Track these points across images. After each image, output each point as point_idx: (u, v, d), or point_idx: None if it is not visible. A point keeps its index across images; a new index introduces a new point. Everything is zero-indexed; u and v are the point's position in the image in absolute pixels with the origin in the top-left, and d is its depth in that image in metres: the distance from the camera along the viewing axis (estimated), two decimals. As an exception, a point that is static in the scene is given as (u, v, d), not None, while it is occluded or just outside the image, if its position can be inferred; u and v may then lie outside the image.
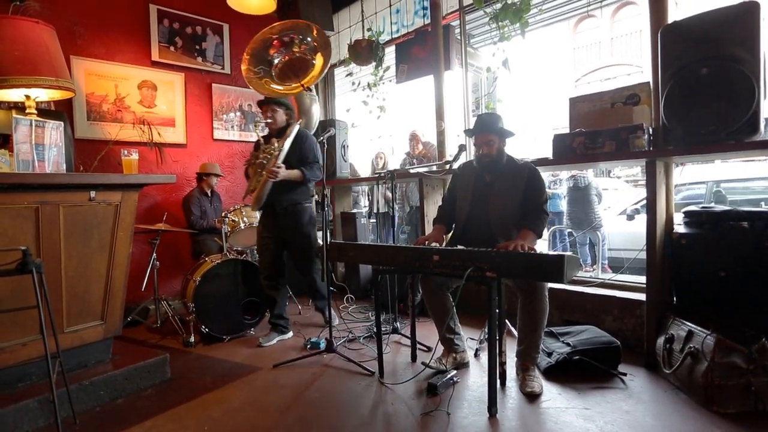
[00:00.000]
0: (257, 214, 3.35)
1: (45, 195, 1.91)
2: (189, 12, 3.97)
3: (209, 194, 3.77)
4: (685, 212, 2.35)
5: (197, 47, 4.04)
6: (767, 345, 1.79)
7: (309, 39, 2.86)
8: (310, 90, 3.49)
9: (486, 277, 1.79)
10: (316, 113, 3.92)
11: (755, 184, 5.33)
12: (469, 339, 2.63)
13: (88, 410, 2.00)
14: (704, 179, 5.46)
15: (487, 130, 2.28)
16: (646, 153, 2.25)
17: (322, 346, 2.67)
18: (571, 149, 2.48)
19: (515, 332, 2.28)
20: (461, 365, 2.36)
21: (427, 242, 2.31)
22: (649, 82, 2.43)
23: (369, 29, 4.23)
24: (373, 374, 2.31)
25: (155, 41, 3.78)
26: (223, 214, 3.17)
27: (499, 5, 3.07)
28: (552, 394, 2.03)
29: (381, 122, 4.40)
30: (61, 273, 2.03)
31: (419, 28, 3.90)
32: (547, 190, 6.24)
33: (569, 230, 5.65)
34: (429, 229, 3.34)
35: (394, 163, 5.14)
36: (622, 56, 15.21)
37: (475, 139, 2.31)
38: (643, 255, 2.40)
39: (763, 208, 2.40)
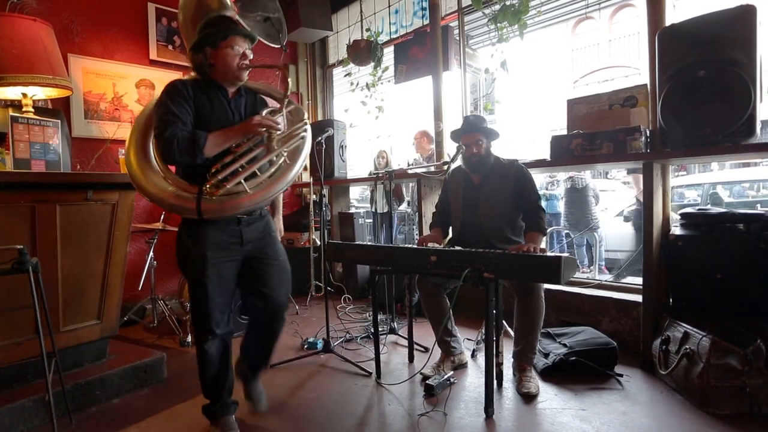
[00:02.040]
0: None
1: (41, 194, 1.90)
2: (187, 11, 3.95)
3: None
4: (681, 214, 2.36)
5: (195, 46, 4.02)
6: (762, 346, 1.80)
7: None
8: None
9: (483, 277, 1.79)
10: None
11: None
12: (466, 339, 2.63)
13: (84, 410, 1.99)
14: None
15: (475, 129, 2.30)
16: (643, 155, 2.26)
17: (320, 346, 2.67)
18: (569, 151, 2.48)
19: (512, 333, 2.28)
20: (459, 366, 2.36)
21: (426, 243, 2.32)
22: (646, 85, 2.44)
23: (368, 29, 4.23)
24: (370, 375, 2.31)
25: (153, 40, 3.76)
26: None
27: (497, 6, 3.08)
28: (549, 395, 2.04)
29: (379, 122, 4.40)
30: (57, 272, 2.02)
31: (418, 29, 3.90)
32: (544, 191, 6.25)
33: (566, 231, 5.66)
34: (427, 229, 3.35)
35: (398, 163, 5.13)
36: (620, 58, 15.25)
37: (464, 140, 2.32)
38: (639, 256, 2.40)
39: (759, 210, 2.41)
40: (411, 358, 2.50)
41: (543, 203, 2.32)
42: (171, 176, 1.64)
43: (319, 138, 2.79)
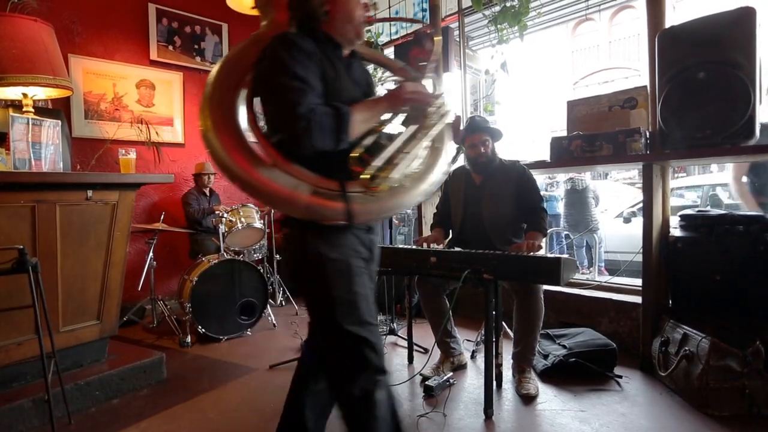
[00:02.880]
0: (255, 214, 3.33)
1: (41, 194, 1.91)
2: (188, 11, 3.97)
3: (207, 194, 3.77)
4: (681, 215, 2.36)
5: (196, 47, 4.03)
6: (761, 348, 1.80)
7: None
8: None
9: (483, 279, 1.79)
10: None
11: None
12: (466, 341, 2.63)
13: (83, 410, 1.99)
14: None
15: (482, 129, 2.30)
16: (642, 156, 2.26)
17: (319, 346, 2.66)
18: (569, 152, 2.49)
19: (512, 334, 2.29)
20: (459, 367, 2.36)
21: (426, 243, 2.32)
22: (646, 86, 2.44)
23: (368, 30, 4.24)
24: (369, 375, 2.30)
25: (154, 40, 3.77)
26: (220, 214, 3.17)
27: (498, 8, 3.08)
28: (548, 396, 2.04)
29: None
30: (57, 272, 2.02)
31: (418, 30, 3.91)
32: (543, 192, 6.26)
33: (566, 233, 5.67)
34: (426, 230, 3.35)
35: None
36: (620, 60, 15.27)
37: (470, 140, 2.32)
38: (639, 258, 2.41)
39: (758, 212, 2.41)
40: (410, 359, 2.50)
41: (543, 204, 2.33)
42: (293, 167, 1.14)
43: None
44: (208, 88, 1.28)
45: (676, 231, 2.33)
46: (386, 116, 1.26)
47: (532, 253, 1.97)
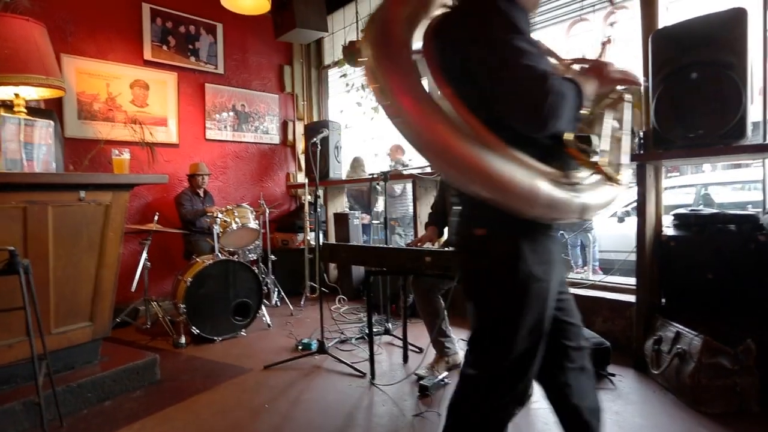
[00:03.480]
0: (250, 215, 3.32)
1: (33, 195, 1.89)
2: (182, 11, 3.95)
3: (201, 195, 3.75)
4: (674, 215, 2.38)
5: (190, 47, 4.01)
6: (752, 346, 1.82)
7: None
8: None
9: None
10: None
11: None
12: (461, 340, 2.63)
13: (75, 413, 1.98)
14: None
15: None
16: (636, 156, 2.27)
17: (314, 347, 2.66)
18: (563, 152, 2.50)
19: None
20: (453, 367, 2.36)
21: (420, 243, 2.32)
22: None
23: (363, 30, 4.24)
24: (364, 375, 2.31)
25: (148, 40, 3.75)
26: (214, 215, 3.16)
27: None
28: (542, 395, 2.04)
29: (376, 123, 4.41)
30: (49, 273, 2.00)
31: (413, 30, 3.91)
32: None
33: (561, 232, 5.69)
34: (421, 229, 3.35)
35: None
36: (614, 60, 15.35)
37: None
38: (633, 257, 2.42)
39: (750, 211, 2.43)
40: (405, 359, 2.51)
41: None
42: (514, 152, 0.91)
43: (314, 139, 2.80)
44: (369, 53, 1.05)
45: (669, 230, 2.35)
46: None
47: None
